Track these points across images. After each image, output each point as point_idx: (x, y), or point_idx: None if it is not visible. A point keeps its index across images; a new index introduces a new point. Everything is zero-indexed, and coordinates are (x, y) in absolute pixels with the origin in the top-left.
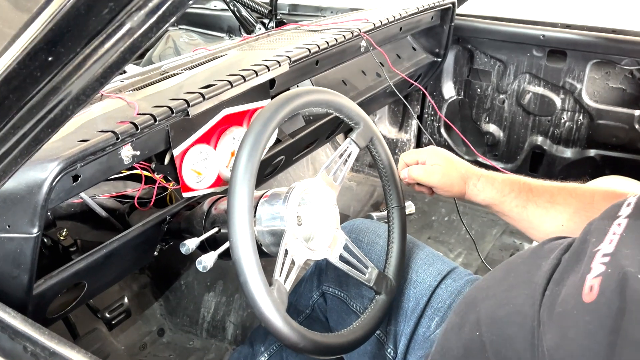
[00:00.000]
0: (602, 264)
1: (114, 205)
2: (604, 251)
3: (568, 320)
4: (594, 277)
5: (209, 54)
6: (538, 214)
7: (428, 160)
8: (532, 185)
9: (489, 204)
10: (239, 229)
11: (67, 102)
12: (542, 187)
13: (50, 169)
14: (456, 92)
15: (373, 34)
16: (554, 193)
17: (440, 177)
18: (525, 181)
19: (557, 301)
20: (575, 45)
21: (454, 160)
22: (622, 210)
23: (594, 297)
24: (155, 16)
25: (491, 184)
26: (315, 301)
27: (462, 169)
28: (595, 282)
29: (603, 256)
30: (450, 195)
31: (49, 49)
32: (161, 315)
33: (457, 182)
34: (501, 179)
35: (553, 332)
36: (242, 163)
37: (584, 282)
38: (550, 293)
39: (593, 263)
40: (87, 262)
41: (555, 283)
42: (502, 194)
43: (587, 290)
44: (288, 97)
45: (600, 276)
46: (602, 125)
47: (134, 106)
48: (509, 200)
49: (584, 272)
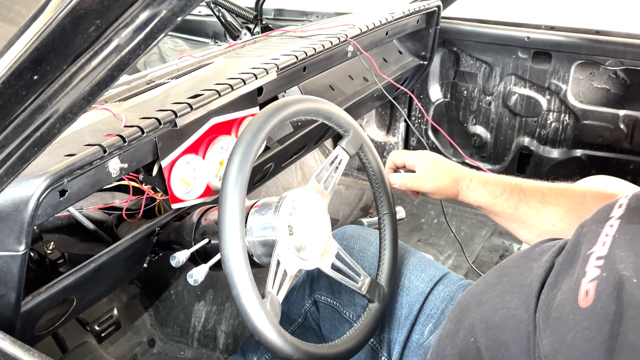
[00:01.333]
0: (597, 267)
1: (101, 217)
2: (597, 254)
3: (565, 325)
4: (589, 281)
5: (195, 62)
6: (530, 214)
7: (417, 164)
8: (524, 186)
9: (481, 205)
10: (230, 242)
11: (54, 120)
12: (534, 187)
13: (36, 185)
14: (443, 94)
15: (360, 39)
16: (545, 193)
17: (432, 183)
18: (516, 182)
19: (552, 305)
20: (559, 46)
21: (444, 163)
22: (614, 212)
23: (590, 301)
24: (143, 33)
25: (483, 185)
26: (308, 309)
27: (454, 171)
28: (590, 286)
29: (597, 259)
30: (443, 198)
31: (34, 68)
32: (151, 325)
33: (449, 185)
34: (493, 180)
35: (550, 338)
36: (232, 175)
37: (580, 287)
38: (545, 297)
39: (588, 266)
40: (75, 277)
41: (550, 287)
42: (495, 195)
43: (583, 295)
44: (277, 106)
45: (595, 280)
46: (587, 126)
47: (121, 118)
48: (501, 202)
49: (579, 276)
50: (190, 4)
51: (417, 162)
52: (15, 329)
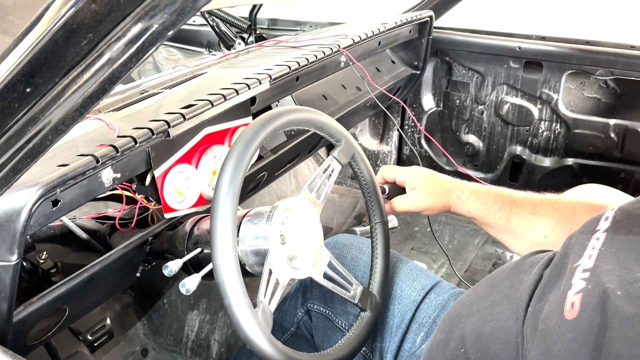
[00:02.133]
0: (583, 279)
1: (94, 226)
2: (583, 266)
3: (551, 337)
4: (574, 294)
5: (189, 72)
6: (522, 225)
7: (408, 181)
8: (515, 197)
9: (473, 215)
10: (222, 251)
11: (46, 132)
12: (525, 199)
13: (29, 195)
14: (435, 103)
15: (352, 49)
16: (536, 205)
17: (424, 201)
18: (508, 193)
19: (540, 317)
20: (550, 56)
21: (435, 178)
22: (600, 224)
23: (575, 313)
24: (135, 46)
25: (475, 196)
26: (300, 318)
27: (444, 184)
28: (576, 298)
29: (583, 271)
30: (435, 214)
31: (27, 80)
32: (144, 335)
33: (440, 199)
34: (485, 190)
35: (537, 349)
36: (224, 185)
37: (566, 299)
38: (533, 309)
39: (574, 279)
40: (68, 287)
41: (538, 299)
42: (487, 206)
43: (569, 307)
44: (270, 117)
45: (580, 292)
46: (579, 135)
47: (114, 128)
48: (493, 212)
49: (565, 289)
50: (181, 19)
51: (407, 179)
52: (7, 339)
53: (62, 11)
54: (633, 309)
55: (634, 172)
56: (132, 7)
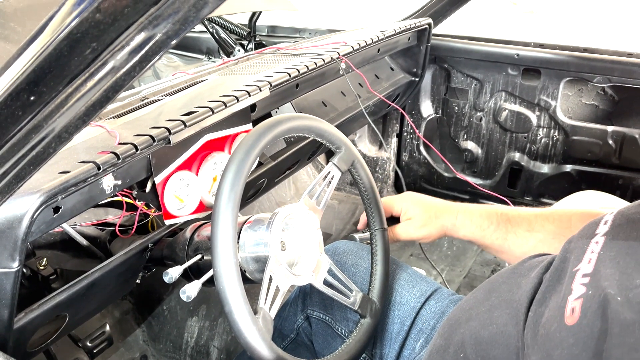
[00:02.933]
0: (583, 284)
1: (94, 233)
2: (583, 271)
3: (552, 342)
4: (575, 299)
5: (189, 79)
6: (519, 244)
7: (404, 210)
8: (510, 215)
9: (470, 239)
10: (222, 258)
11: (50, 140)
12: (519, 216)
13: (30, 202)
14: (434, 110)
15: (351, 56)
16: (531, 221)
17: (419, 232)
18: (502, 212)
19: (540, 322)
20: (548, 63)
21: (428, 206)
22: (599, 228)
23: (576, 319)
24: (138, 55)
25: (469, 220)
26: (300, 325)
27: (438, 212)
28: (576, 304)
29: (583, 276)
30: (431, 241)
31: (31, 89)
32: (144, 341)
33: (435, 228)
34: (479, 212)
35: (538, 355)
36: (225, 192)
37: (566, 304)
38: (533, 314)
39: (574, 284)
40: (68, 294)
41: (538, 304)
42: (482, 229)
43: (569, 313)
44: (270, 124)
45: (581, 298)
46: (577, 141)
47: (115, 135)
48: (489, 234)
49: (565, 294)
50: (185, 28)
51: (402, 207)
52: (7, 346)
53: (67, 21)
54: (633, 315)
55: (632, 179)
56: (136, 17)
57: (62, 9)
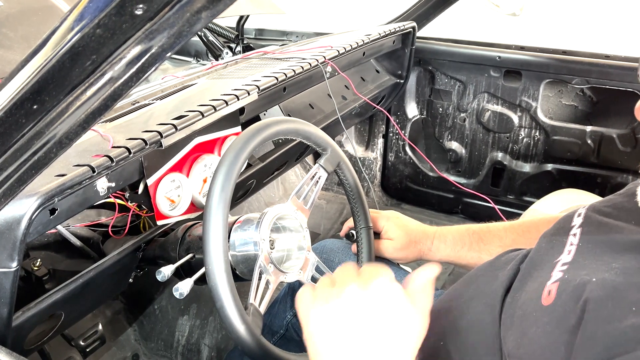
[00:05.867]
0: (561, 271)
1: (87, 234)
2: (563, 261)
3: (528, 322)
4: (552, 283)
5: (179, 82)
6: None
7: (386, 229)
8: (481, 233)
9: (446, 261)
10: (214, 257)
11: (51, 145)
12: (490, 233)
13: (28, 204)
14: (419, 111)
15: (337, 60)
16: (502, 237)
17: (396, 254)
18: (474, 230)
19: (517, 305)
20: (529, 65)
21: (408, 230)
22: (574, 221)
23: (551, 300)
24: (135, 67)
25: (444, 243)
26: (289, 321)
27: (416, 237)
28: (553, 287)
29: (562, 265)
30: (408, 262)
31: (34, 98)
32: (136, 340)
33: (411, 253)
34: (452, 235)
35: (514, 335)
36: (215, 193)
37: (544, 288)
38: (511, 300)
39: (553, 272)
40: (64, 293)
41: (515, 291)
42: (456, 251)
43: (546, 295)
44: (258, 128)
45: (557, 282)
46: (557, 141)
47: (109, 139)
48: (464, 254)
49: (543, 280)
50: (179, 42)
51: (384, 227)
52: (6, 344)
53: (69, 36)
54: (607, 292)
55: (610, 177)
56: (133, 32)
57: (63, 24)
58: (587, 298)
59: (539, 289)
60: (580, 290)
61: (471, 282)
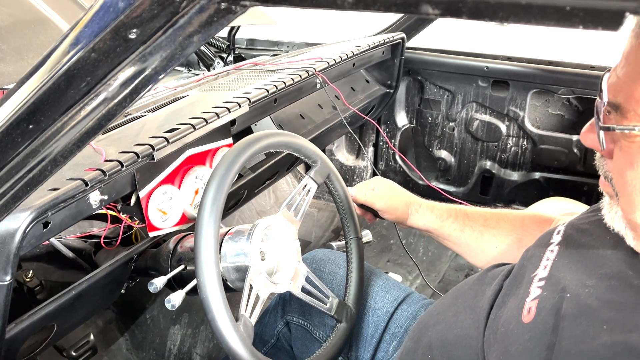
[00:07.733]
0: (539, 287)
1: (80, 245)
2: (540, 276)
3: (510, 338)
4: (531, 300)
5: (170, 94)
6: (474, 237)
7: (376, 188)
8: (468, 211)
9: (429, 228)
10: (206, 269)
11: (46, 163)
12: (477, 212)
13: (22, 218)
14: (409, 120)
15: (327, 71)
16: (487, 218)
17: (385, 202)
18: (461, 208)
19: (500, 322)
20: (516, 76)
21: (398, 189)
22: (553, 238)
23: (531, 317)
24: (129, 88)
25: (431, 211)
26: (280, 331)
27: (406, 197)
28: (532, 304)
29: (539, 280)
30: (393, 218)
31: (30, 119)
32: (127, 350)
33: (400, 207)
34: (440, 206)
35: (497, 351)
36: (207, 206)
37: (524, 305)
38: (494, 317)
39: (531, 287)
40: (56, 304)
41: (498, 307)
42: (441, 219)
43: (526, 312)
44: (249, 141)
45: (537, 299)
46: (544, 150)
47: (101, 152)
48: (448, 225)
49: (523, 296)
50: (172, 64)
51: (375, 185)
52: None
53: (65, 59)
54: (580, 309)
55: (596, 185)
56: (127, 54)
57: (59, 47)
58: (562, 315)
59: (519, 306)
60: (557, 307)
61: (459, 295)
